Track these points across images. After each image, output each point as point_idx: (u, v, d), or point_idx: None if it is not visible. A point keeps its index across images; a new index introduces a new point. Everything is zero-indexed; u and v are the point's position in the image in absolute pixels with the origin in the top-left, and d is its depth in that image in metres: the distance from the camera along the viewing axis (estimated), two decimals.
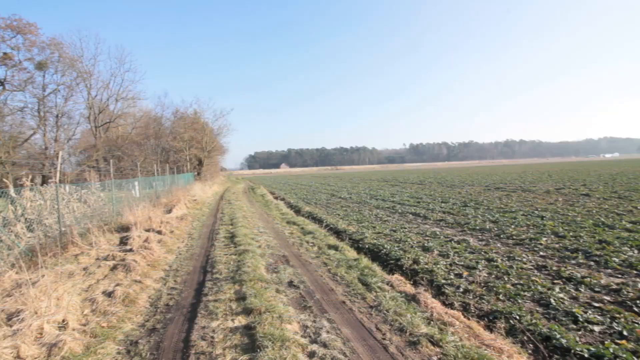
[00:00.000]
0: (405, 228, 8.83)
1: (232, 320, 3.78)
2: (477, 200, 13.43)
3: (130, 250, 6.98)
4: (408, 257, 6.08)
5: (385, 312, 3.80)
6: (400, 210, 11.82)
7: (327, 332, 3.40)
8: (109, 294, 4.62)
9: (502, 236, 7.37)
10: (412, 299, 4.09)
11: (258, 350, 3.08)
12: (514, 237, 7.15)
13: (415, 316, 3.59)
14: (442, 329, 3.34)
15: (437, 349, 3.02)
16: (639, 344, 3.16)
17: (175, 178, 22.02)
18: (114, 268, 5.89)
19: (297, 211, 13.65)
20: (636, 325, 3.50)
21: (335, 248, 7.06)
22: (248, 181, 46.05)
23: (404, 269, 5.77)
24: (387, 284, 4.70)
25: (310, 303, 4.20)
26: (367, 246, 7.33)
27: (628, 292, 4.22)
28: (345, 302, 4.23)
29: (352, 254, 6.64)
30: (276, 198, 19.69)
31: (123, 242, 7.84)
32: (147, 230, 8.99)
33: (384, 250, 6.79)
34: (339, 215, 11.81)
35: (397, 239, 7.58)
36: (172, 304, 4.54)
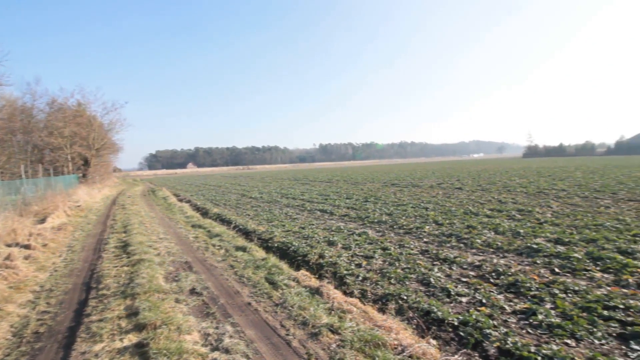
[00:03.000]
0: (313, 224, 9.16)
1: (121, 339, 3.37)
2: (376, 195, 14.76)
3: None
4: (314, 253, 6.32)
5: (290, 308, 3.89)
6: (309, 208, 12.20)
7: (230, 336, 3.31)
8: None
9: (395, 227, 8.26)
10: (315, 292, 4.29)
11: None
12: (405, 227, 8.10)
13: (318, 308, 3.77)
14: (342, 316, 3.58)
15: (336, 337, 3.23)
16: (493, 309, 3.92)
17: (51, 181, 18.48)
18: None
19: (205, 213, 12.90)
20: (492, 293, 4.32)
21: (244, 249, 6.91)
22: (148, 183, 41.43)
23: (310, 264, 5.98)
24: (294, 280, 4.82)
25: (213, 309, 4.03)
26: (276, 245, 7.37)
27: (487, 267, 5.18)
28: (251, 303, 4.18)
29: (260, 253, 6.59)
30: (181, 200, 18.23)
31: None
32: (10, 245, 7.36)
33: (292, 247, 6.92)
34: (249, 215, 11.58)
35: (306, 236, 7.81)
36: (43, 331, 3.82)
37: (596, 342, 3.17)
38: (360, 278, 5.05)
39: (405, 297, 4.24)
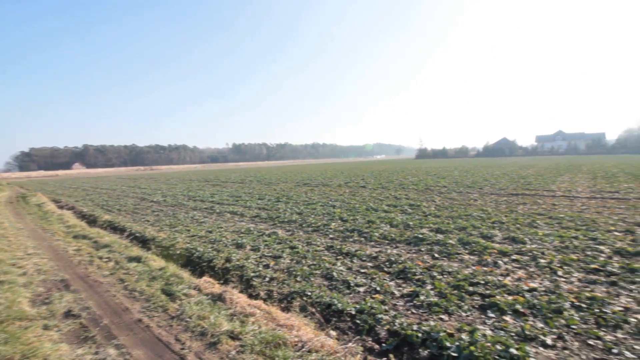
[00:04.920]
0: (222, 227, 8.78)
1: None
2: (288, 195, 14.93)
3: None
4: (221, 257, 6.06)
5: (188, 319, 3.64)
6: (218, 210, 11.65)
7: None
8: None
9: (304, 225, 8.48)
10: (218, 298, 4.11)
11: None
12: (313, 225, 8.38)
13: (219, 315, 3.62)
14: (244, 321, 3.51)
15: (237, 342, 3.15)
16: (385, 295, 4.33)
17: None
18: None
19: (92, 222, 11.18)
20: (385, 281, 4.77)
21: (138, 260, 6.21)
22: (18, 187, 33.75)
23: (216, 269, 5.72)
24: (195, 289, 4.53)
25: (94, 332, 3.51)
26: (178, 252, 6.82)
27: (382, 257, 5.70)
28: (142, 319, 3.78)
29: (158, 263, 6.01)
30: (61, 207, 15.44)
31: None
32: None
33: (197, 253, 6.51)
34: (148, 221, 10.47)
35: (213, 240, 7.44)
36: None
37: (463, 314, 3.77)
38: (267, 279, 5.03)
39: (309, 294, 4.37)
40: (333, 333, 3.50)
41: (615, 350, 2.97)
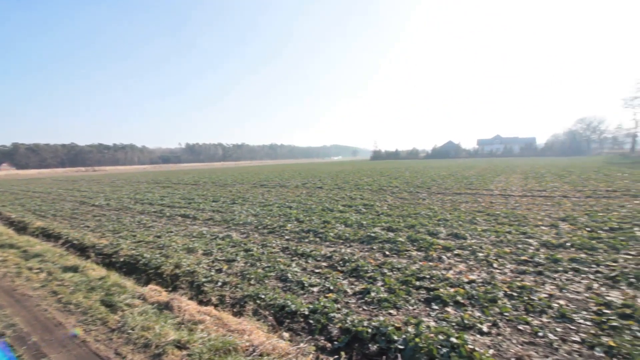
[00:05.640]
0: (172, 232, 8.36)
1: None
2: (244, 197, 14.62)
3: None
4: (170, 263, 5.77)
5: (130, 331, 3.42)
6: (168, 214, 11.07)
7: None
8: None
9: (260, 227, 8.37)
10: (165, 307, 3.91)
11: None
12: (269, 227, 8.30)
13: (166, 325, 3.45)
14: (192, 329, 3.38)
15: (184, 352, 3.03)
16: (338, 294, 4.42)
17: None
18: None
19: (22, 229, 10.05)
20: (339, 279, 4.87)
21: (75, 269, 5.71)
22: None
23: (164, 276, 5.44)
24: (139, 298, 4.27)
25: (19, 352, 3.16)
26: (122, 259, 6.37)
27: (336, 257, 5.81)
28: (78, 334, 3.48)
29: (98, 272, 5.57)
30: None
31: None
32: None
33: (143, 260, 6.13)
34: (88, 227, 9.64)
35: (161, 245, 7.05)
36: None
37: (410, 308, 3.97)
38: (219, 284, 4.89)
39: (263, 296, 4.33)
40: (286, 335, 3.50)
41: (540, 334, 3.32)
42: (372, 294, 4.25)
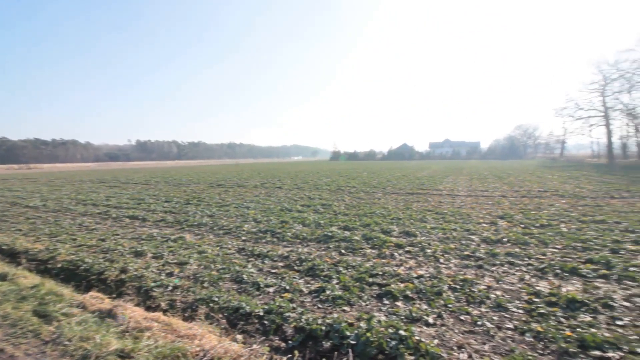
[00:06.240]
0: (118, 234, 7.83)
1: None
2: (199, 197, 14.10)
3: None
4: (115, 267, 5.41)
5: (67, 342, 3.15)
6: (115, 215, 10.34)
7: None
8: None
9: (215, 228, 8.13)
10: (107, 315, 3.66)
11: None
12: (225, 228, 8.09)
13: (108, 334, 3.23)
14: (138, 337, 3.21)
15: None
16: (294, 293, 4.44)
17: None
18: None
19: None
20: (295, 279, 4.89)
21: (3, 278, 5.13)
22: None
23: (108, 282, 5.09)
24: (78, 307, 3.95)
25: None
26: (59, 265, 5.84)
27: (293, 257, 5.83)
28: (5, 349, 3.14)
29: (31, 280, 5.05)
30: None
31: None
32: None
33: (84, 265, 5.68)
34: (20, 230, 8.70)
35: (106, 249, 6.58)
36: None
37: (363, 304, 4.11)
38: (170, 288, 4.68)
39: (216, 299, 4.22)
40: (239, 337, 3.45)
41: (479, 323, 3.60)
42: (327, 292, 4.34)
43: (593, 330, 3.32)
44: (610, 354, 2.97)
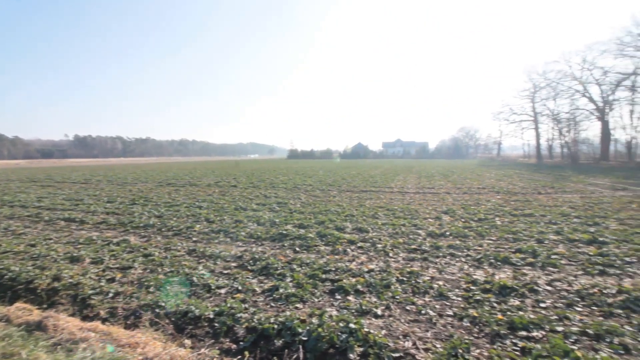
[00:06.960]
0: (51, 239, 7.11)
1: None
2: (147, 197, 13.28)
3: None
4: (47, 275, 4.92)
5: None
6: (48, 218, 9.37)
7: None
8: None
9: (163, 229, 7.73)
10: (36, 327, 3.32)
11: None
12: (174, 229, 7.72)
13: (37, 348, 2.94)
14: (72, 349, 2.96)
15: None
16: (247, 293, 4.36)
17: None
18: None
19: None
20: (248, 279, 4.80)
21: None
22: None
23: (38, 291, 4.61)
24: (2, 320, 3.54)
25: None
26: None
27: (247, 256, 5.74)
28: None
29: None
30: None
31: None
32: None
33: (10, 274, 5.08)
34: None
35: (36, 255, 5.95)
36: None
37: (316, 300, 4.17)
38: (110, 295, 4.37)
39: (162, 305, 4.03)
40: (187, 342, 3.34)
41: (423, 312, 3.84)
42: (281, 291, 4.34)
43: (521, 313, 3.70)
44: (534, 333, 3.34)
